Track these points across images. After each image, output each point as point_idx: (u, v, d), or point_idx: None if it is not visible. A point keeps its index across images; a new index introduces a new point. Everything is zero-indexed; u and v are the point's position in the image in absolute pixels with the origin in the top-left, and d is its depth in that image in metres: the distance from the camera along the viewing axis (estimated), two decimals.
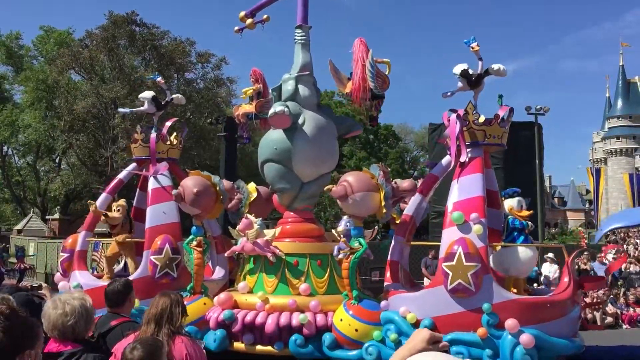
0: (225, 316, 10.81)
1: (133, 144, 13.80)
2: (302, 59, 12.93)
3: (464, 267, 9.66)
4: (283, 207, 12.90)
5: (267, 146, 12.42)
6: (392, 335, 10.09)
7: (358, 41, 12.05)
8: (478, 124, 11.10)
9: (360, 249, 10.82)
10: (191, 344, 4.54)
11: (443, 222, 10.58)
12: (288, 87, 12.69)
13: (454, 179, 10.85)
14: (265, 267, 11.62)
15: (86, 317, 4.16)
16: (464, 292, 9.69)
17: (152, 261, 12.11)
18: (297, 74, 12.78)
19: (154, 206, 12.91)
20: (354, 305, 10.55)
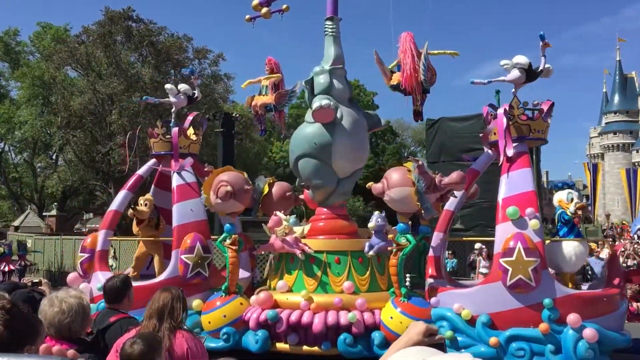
0: (269, 316, 10.11)
1: (153, 139, 12.96)
2: (334, 51, 12.23)
3: (524, 263, 9.15)
4: (315, 203, 12.18)
5: (304, 141, 11.66)
6: (447, 333, 9.52)
7: (405, 34, 11.48)
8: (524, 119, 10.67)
9: (407, 245, 10.19)
10: (192, 339, 4.44)
11: (496, 218, 10.02)
12: (321, 80, 11.98)
13: (502, 174, 10.34)
14: (305, 265, 10.95)
15: (83, 315, 4.00)
16: (524, 288, 9.19)
17: (183, 260, 11.33)
18: (331, 67, 12.07)
19: (181, 203, 12.11)
20: (404, 303, 9.94)
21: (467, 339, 9.51)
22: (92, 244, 12.46)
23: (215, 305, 10.86)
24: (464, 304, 9.66)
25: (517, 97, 10.90)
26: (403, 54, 11.32)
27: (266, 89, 13.34)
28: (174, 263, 11.51)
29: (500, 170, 10.80)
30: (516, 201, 9.82)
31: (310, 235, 11.65)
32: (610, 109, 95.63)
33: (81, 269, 12.46)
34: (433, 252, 11.01)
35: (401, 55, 11.39)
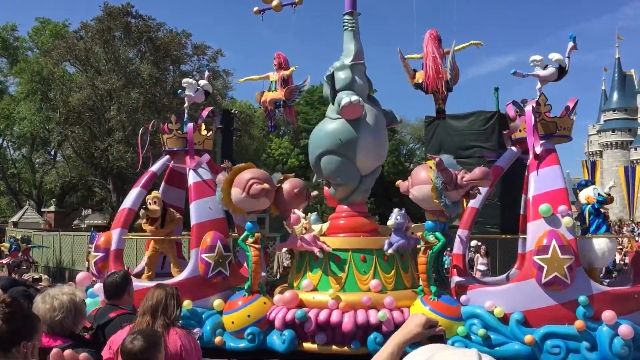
0: (297, 316, 9.79)
1: (166, 135, 12.54)
2: (354, 46, 11.90)
3: (559, 260, 8.96)
4: (336, 200, 11.83)
5: (328, 137, 11.30)
6: (480, 331, 9.29)
7: (428, 34, 11.22)
8: (550, 116, 10.47)
9: (437, 243, 9.91)
10: (185, 336, 4.36)
11: (527, 215, 9.78)
12: (342, 76, 11.63)
13: (531, 171, 10.13)
14: (330, 264, 10.63)
15: (74, 312, 3.93)
16: (560, 285, 9.00)
17: (204, 259, 10.96)
18: (352, 63, 11.73)
19: (199, 201, 11.72)
20: (434, 301, 9.67)
21: (500, 337, 9.29)
22: (106, 242, 11.98)
23: (237, 305, 10.54)
24: (496, 301, 9.44)
25: (544, 94, 10.69)
26: (425, 55, 11.08)
27: (275, 85, 13.03)
28: (194, 262, 11.15)
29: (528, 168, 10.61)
30: (547, 198, 9.61)
31: (333, 233, 11.37)
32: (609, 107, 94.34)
33: (95, 268, 11.95)
34: (458, 250, 10.76)
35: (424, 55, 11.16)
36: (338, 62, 11.86)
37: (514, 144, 11.35)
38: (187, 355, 4.27)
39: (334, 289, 10.22)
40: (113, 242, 11.92)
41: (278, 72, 13.06)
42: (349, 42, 11.91)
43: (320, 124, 11.93)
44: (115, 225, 12.36)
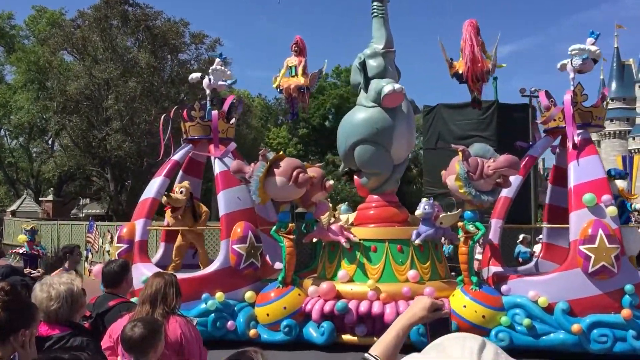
0: (337, 308, 9.52)
1: (189, 123, 12.11)
2: (385, 34, 11.55)
3: (607, 250, 8.77)
4: (366, 190, 11.50)
5: (364, 125, 10.91)
6: (525, 321, 9.09)
7: (467, 23, 10.92)
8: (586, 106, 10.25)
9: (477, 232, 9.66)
10: (185, 324, 4.32)
11: (568, 205, 9.57)
12: (374, 63, 11.27)
13: (570, 161, 9.89)
14: (367, 254, 10.34)
15: (71, 301, 3.82)
16: (607, 274, 8.82)
17: (236, 251, 10.63)
18: (384, 50, 11.38)
19: (227, 191, 11.37)
20: (476, 291, 9.43)
21: (545, 327, 9.10)
22: (130, 234, 11.52)
23: (270, 297, 10.24)
24: (540, 291, 9.23)
25: (580, 83, 10.49)
26: (464, 44, 10.79)
27: (294, 70, 12.67)
28: (225, 253, 10.79)
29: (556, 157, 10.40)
30: (590, 188, 9.40)
31: (363, 223, 11.07)
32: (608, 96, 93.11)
33: None
34: (492, 240, 10.54)
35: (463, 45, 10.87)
36: (368, 49, 11.50)
37: (547, 134, 11.14)
38: (188, 343, 4.23)
39: (372, 280, 9.95)
40: (137, 233, 11.48)
41: (298, 57, 12.70)
42: (379, 29, 11.55)
43: (351, 113, 11.55)
44: (139, 215, 11.90)
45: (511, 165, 9.62)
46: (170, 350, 4.08)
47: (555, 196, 12.13)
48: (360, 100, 11.29)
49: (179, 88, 39.07)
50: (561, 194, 11.98)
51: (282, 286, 10.26)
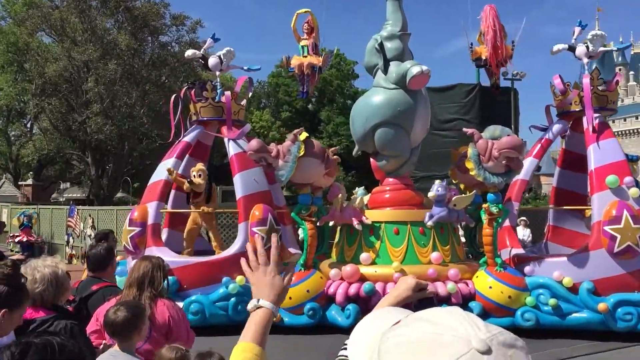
0: (365, 290, 9.43)
1: (200, 104, 11.73)
2: (401, 16, 11.38)
3: (632, 230, 8.87)
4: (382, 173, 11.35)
5: (385, 107, 10.67)
6: (551, 301, 9.13)
7: (488, 8, 10.85)
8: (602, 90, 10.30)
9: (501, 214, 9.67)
10: (173, 306, 4.34)
11: (590, 187, 9.62)
12: (393, 46, 11.06)
13: (590, 144, 9.93)
14: (389, 237, 10.24)
15: (56, 284, 3.79)
16: (631, 254, 8.91)
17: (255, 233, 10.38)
18: (401, 33, 11.22)
19: (243, 173, 11.08)
20: (501, 272, 9.45)
21: (571, 306, 9.17)
22: (142, 216, 11.12)
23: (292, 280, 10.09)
24: (563, 271, 9.28)
25: (597, 68, 10.58)
26: (486, 29, 10.73)
27: (306, 49, 12.47)
28: (244, 236, 10.57)
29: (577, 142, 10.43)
30: (611, 170, 9.48)
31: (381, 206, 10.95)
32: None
33: (132, 243, 11.03)
34: (509, 222, 10.56)
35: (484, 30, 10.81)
36: (384, 31, 11.29)
37: (561, 117, 11.18)
38: (175, 325, 4.23)
39: (393, 262, 9.89)
40: (150, 216, 11.11)
41: (309, 37, 12.50)
42: (394, 12, 11.34)
43: (369, 95, 11.29)
44: (150, 198, 11.53)
45: (514, 147, 9.52)
46: (158, 333, 4.08)
47: (563, 179, 12.23)
48: (378, 82, 11.06)
49: (160, 70, 38.29)
50: (569, 177, 12.09)
51: (303, 269, 10.13)
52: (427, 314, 1.05)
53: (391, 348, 1.04)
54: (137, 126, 37.22)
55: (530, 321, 9.05)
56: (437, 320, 1.02)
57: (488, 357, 0.94)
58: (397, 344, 1.03)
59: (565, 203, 11.81)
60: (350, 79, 47.82)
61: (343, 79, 46.11)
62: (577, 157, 11.96)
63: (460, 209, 10.47)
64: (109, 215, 22.90)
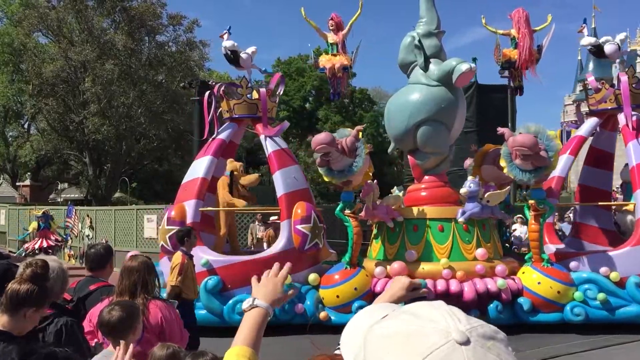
0: None
1: (234, 100, 11.51)
2: (435, 14, 11.33)
3: None
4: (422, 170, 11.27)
5: (429, 104, 10.54)
6: (599, 295, 9.16)
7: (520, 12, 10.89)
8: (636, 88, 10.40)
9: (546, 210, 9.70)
10: (165, 307, 4.30)
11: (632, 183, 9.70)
12: (430, 43, 10.96)
13: (630, 140, 10.02)
14: (434, 234, 10.21)
15: (63, 279, 3.87)
16: None
17: (300, 231, 10.29)
18: (437, 30, 11.19)
19: (283, 170, 10.95)
20: (549, 268, 9.47)
21: (619, 300, 9.21)
22: (180, 215, 10.87)
23: (335, 279, 10.01)
24: (610, 266, 9.35)
25: (632, 66, 10.67)
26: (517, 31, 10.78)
27: (335, 48, 12.37)
28: (287, 234, 10.48)
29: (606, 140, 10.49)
30: None
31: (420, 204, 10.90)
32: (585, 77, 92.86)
33: (171, 243, 10.53)
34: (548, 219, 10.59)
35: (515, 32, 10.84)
36: (419, 29, 11.16)
37: (594, 115, 11.26)
38: (168, 325, 4.20)
39: (439, 259, 9.86)
40: (188, 215, 10.85)
41: (337, 35, 12.38)
42: (429, 9, 11.26)
43: (408, 92, 11.05)
44: (188, 196, 11.22)
45: (524, 145, 9.55)
46: (152, 334, 4.04)
47: (588, 177, 12.30)
48: (417, 79, 10.90)
49: (157, 70, 37.96)
50: (595, 174, 12.17)
51: (349, 267, 10.08)
52: (412, 308, 1.07)
53: (374, 339, 1.06)
54: (134, 126, 36.89)
55: (580, 316, 9.10)
56: (420, 313, 1.04)
57: (466, 347, 0.96)
58: (379, 336, 1.05)
59: (591, 200, 11.90)
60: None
61: None
62: (604, 155, 12.08)
63: (493, 205, 10.50)
64: (107, 215, 22.62)
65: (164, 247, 10.85)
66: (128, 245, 20.10)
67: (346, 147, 9.48)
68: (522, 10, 11.16)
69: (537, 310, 9.29)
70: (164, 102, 37.36)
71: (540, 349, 8.52)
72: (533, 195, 9.81)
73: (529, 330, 9.26)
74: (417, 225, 10.26)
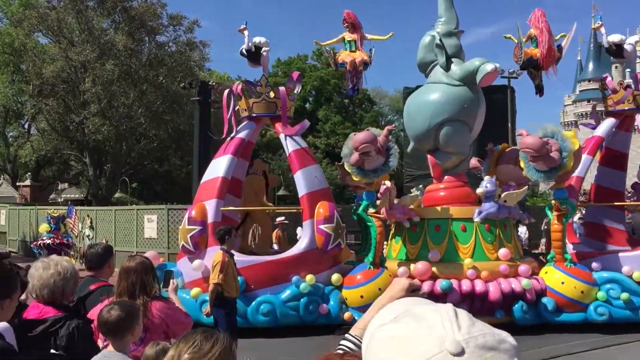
0: (442, 287, 9.37)
1: (253, 99, 11.39)
2: (454, 14, 11.34)
3: None
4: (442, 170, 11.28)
5: (452, 104, 10.50)
6: (622, 295, 9.21)
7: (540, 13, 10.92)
8: None
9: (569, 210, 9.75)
10: (166, 306, 4.25)
11: None
12: (451, 43, 10.97)
13: None
14: (457, 234, 10.21)
15: (75, 279, 3.81)
16: None
17: (324, 231, 10.24)
18: (456, 30, 11.21)
19: (304, 170, 10.89)
20: (572, 268, 9.50)
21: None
22: (201, 215, 10.70)
23: (358, 280, 9.98)
24: (633, 266, 9.40)
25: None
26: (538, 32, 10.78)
27: (353, 45, 12.30)
28: (310, 234, 10.43)
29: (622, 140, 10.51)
30: None
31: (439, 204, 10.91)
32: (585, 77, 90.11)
33: (192, 243, 10.58)
34: None
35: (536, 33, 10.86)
36: (439, 28, 11.15)
37: (611, 116, 11.32)
38: (172, 323, 4.19)
39: (462, 259, 9.88)
40: (210, 215, 10.67)
41: (354, 33, 12.30)
42: (448, 9, 11.25)
43: (427, 92, 11.03)
44: (209, 195, 11.01)
45: (528, 147, 9.65)
46: (155, 334, 4.02)
47: (603, 177, 12.35)
48: (438, 78, 10.85)
49: (157, 70, 37.75)
50: (610, 175, 12.21)
51: (373, 267, 10.07)
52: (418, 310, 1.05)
53: (373, 342, 1.05)
54: (134, 126, 36.71)
55: (604, 316, 9.14)
56: (422, 317, 1.01)
57: (459, 358, 0.93)
58: (379, 339, 1.04)
59: (604, 200, 11.95)
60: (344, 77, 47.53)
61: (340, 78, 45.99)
62: (619, 155, 12.13)
63: (510, 205, 10.52)
64: (108, 216, 22.53)
65: (184, 247, 10.71)
66: (128, 245, 20.05)
67: (381, 146, 9.48)
68: (538, 10, 11.19)
69: (561, 310, 9.32)
70: (164, 103, 37.20)
71: (540, 349, 8.55)
72: (555, 195, 9.85)
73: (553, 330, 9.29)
74: (439, 225, 10.26)
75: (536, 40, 11.02)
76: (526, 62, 11.18)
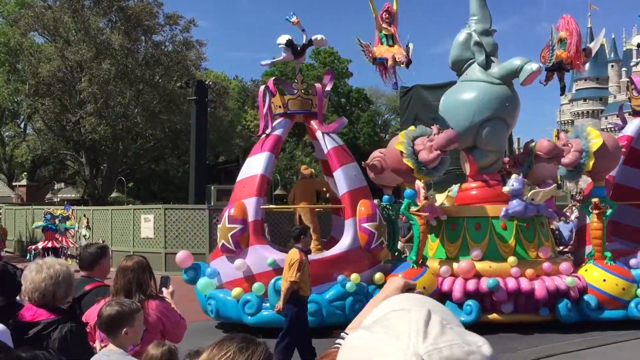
0: (489, 285, 9.32)
1: (288, 96, 11.17)
2: (488, 12, 11.29)
3: None
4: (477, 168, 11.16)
5: (495, 102, 10.45)
6: None
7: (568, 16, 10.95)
8: None
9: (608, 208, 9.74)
10: (162, 305, 4.25)
11: None
12: (488, 41, 10.96)
13: None
14: (497, 232, 10.16)
15: (68, 282, 3.77)
16: None
17: (367, 229, 10.10)
18: (491, 29, 11.15)
19: (344, 167, 10.74)
20: (613, 265, 9.52)
21: None
22: (241, 213, 10.32)
23: None
24: None
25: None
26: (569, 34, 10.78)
27: (391, 39, 12.03)
28: (353, 233, 10.26)
29: None
30: None
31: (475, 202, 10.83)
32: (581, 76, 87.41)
33: (233, 241, 10.21)
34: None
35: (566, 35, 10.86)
36: (475, 26, 11.08)
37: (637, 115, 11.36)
38: (168, 320, 4.19)
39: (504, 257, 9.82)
40: (250, 213, 10.33)
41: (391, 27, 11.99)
42: (481, 7, 11.21)
43: (465, 89, 10.89)
44: (248, 193, 10.67)
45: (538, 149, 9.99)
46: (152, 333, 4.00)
47: (625, 176, 12.36)
48: (475, 76, 10.77)
49: (153, 70, 37.32)
50: (632, 173, 12.23)
51: (415, 266, 9.95)
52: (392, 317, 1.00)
53: (344, 348, 1.02)
54: (131, 126, 36.28)
55: None
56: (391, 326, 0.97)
57: None
58: (348, 347, 1.01)
59: (626, 198, 11.96)
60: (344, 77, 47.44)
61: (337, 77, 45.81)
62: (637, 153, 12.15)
63: (538, 203, 10.45)
64: (104, 215, 22.28)
65: (225, 246, 10.35)
66: (125, 245, 19.86)
67: None
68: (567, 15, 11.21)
69: (603, 307, 9.31)
70: (160, 102, 36.82)
71: (537, 348, 8.56)
72: (594, 193, 9.85)
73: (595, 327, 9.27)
74: (479, 223, 10.21)
75: (565, 43, 11.01)
76: (555, 65, 11.14)
